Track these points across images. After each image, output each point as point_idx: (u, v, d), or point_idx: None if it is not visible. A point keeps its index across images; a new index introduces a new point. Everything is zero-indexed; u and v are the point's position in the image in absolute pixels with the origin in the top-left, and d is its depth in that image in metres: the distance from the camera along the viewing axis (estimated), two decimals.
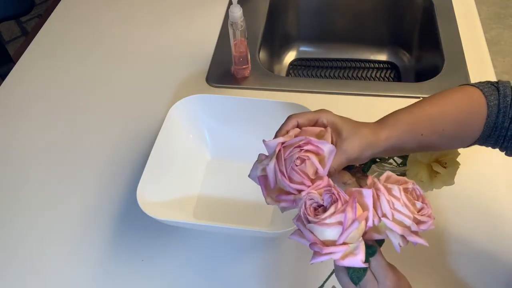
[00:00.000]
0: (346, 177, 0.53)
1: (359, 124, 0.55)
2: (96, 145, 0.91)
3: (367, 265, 0.45)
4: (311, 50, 1.31)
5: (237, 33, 0.91)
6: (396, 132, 0.55)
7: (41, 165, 0.89)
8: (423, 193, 0.47)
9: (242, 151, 0.84)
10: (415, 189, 0.47)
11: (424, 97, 0.60)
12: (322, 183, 0.48)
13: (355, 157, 0.53)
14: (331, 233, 0.44)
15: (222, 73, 1.02)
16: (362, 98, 0.95)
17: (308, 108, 0.76)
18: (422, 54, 1.21)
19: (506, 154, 0.59)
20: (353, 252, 0.44)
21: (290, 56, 1.31)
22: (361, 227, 0.44)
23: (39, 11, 2.38)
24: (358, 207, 0.44)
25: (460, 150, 0.65)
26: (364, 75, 1.25)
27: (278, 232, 0.66)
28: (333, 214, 0.44)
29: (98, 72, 1.05)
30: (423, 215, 0.45)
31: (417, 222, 0.45)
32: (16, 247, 0.77)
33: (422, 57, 1.20)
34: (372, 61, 1.28)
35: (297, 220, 0.47)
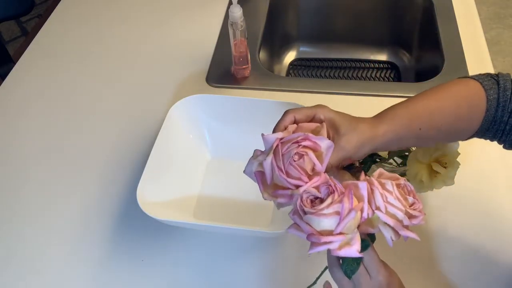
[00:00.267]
0: (346, 177, 0.53)
1: (357, 119, 0.54)
2: (96, 145, 0.91)
3: (362, 255, 0.46)
4: (311, 50, 1.31)
5: (237, 33, 0.91)
6: (394, 127, 0.54)
7: (41, 165, 0.89)
8: (413, 189, 0.48)
9: (242, 151, 0.84)
10: (406, 185, 0.48)
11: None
12: (319, 179, 0.48)
13: (353, 153, 0.52)
14: (328, 223, 0.45)
15: (222, 73, 1.02)
16: (362, 98, 0.95)
17: None
18: (422, 54, 1.21)
19: (504, 147, 0.59)
20: (349, 243, 0.45)
21: (290, 56, 1.31)
22: (357, 218, 0.45)
23: (39, 11, 2.38)
24: (354, 198, 0.45)
25: (460, 150, 0.65)
26: (364, 75, 1.25)
27: (278, 232, 0.66)
28: (330, 204, 0.44)
29: (98, 72, 1.05)
30: (415, 209, 0.47)
31: (409, 216, 0.46)
32: (16, 247, 0.77)
33: (422, 57, 1.20)
34: (372, 61, 1.28)
35: (293, 214, 0.48)
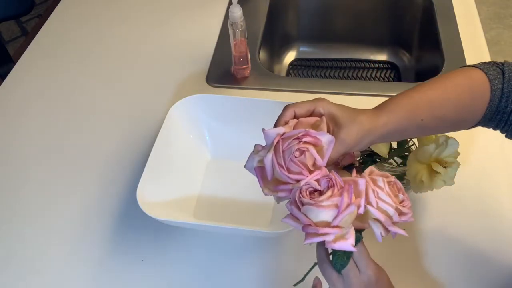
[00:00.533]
0: (347, 176, 0.53)
1: (357, 111, 0.54)
2: (96, 145, 0.91)
3: (356, 249, 0.47)
4: (311, 50, 1.31)
5: (237, 33, 0.91)
6: (394, 118, 0.53)
7: (41, 165, 0.89)
8: (402, 187, 0.49)
9: (242, 151, 0.84)
10: (396, 182, 0.49)
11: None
12: (320, 173, 0.48)
13: (353, 145, 0.52)
14: (326, 215, 0.45)
15: (222, 73, 1.02)
16: (362, 98, 0.95)
17: None
18: (422, 54, 1.21)
19: (506, 136, 0.58)
20: (344, 237, 0.45)
21: (290, 56, 1.30)
22: (354, 212, 0.46)
23: (39, 11, 2.38)
24: (353, 191, 0.46)
25: (460, 149, 0.65)
26: (364, 75, 1.25)
27: (278, 232, 0.66)
28: (330, 197, 0.45)
29: (98, 72, 1.05)
30: (404, 206, 0.48)
31: (399, 212, 0.47)
32: (16, 247, 0.77)
33: (422, 57, 1.20)
34: (372, 61, 1.28)
35: (290, 204, 0.48)
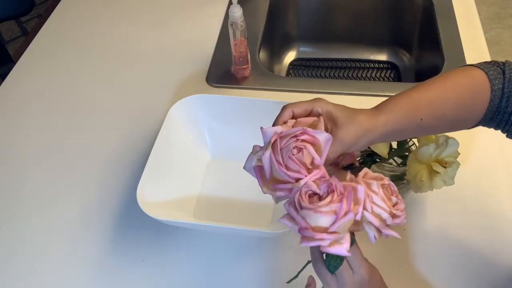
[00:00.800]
0: (347, 177, 0.53)
1: (355, 110, 0.53)
2: (96, 145, 0.91)
3: (350, 253, 0.47)
4: (311, 50, 1.31)
5: (237, 33, 0.91)
6: (393, 118, 0.53)
7: (41, 165, 0.89)
8: (396, 189, 0.49)
9: (242, 151, 0.83)
10: (390, 185, 0.49)
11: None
12: (319, 173, 0.48)
13: (351, 144, 0.52)
14: (324, 220, 0.45)
15: (222, 73, 1.02)
16: (362, 98, 0.95)
17: None
18: (422, 54, 1.21)
19: (507, 136, 0.58)
20: (339, 241, 0.45)
21: (290, 56, 1.31)
22: (351, 219, 0.46)
23: (39, 11, 2.38)
24: (352, 197, 0.46)
25: (460, 149, 0.65)
26: (364, 75, 1.25)
27: (278, 232, 0.66)
28: (329, 203, 0.45)
29: (98, 72, 1.05)
30: (398, 209, 0.48)
31: (392, 216, 0.47)
32: (16, 247, 0.77)
33: (422, 57, 1.20)
34: (372, 61, 1.28)
35: (289, 205, 0.48)
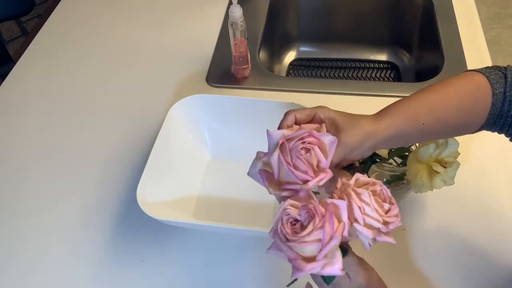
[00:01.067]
0: (347, 176, 0.53)
1: (357, 116, 0.54)
2: (96, 145, 0.91)
3: (343, 273, 0.46)
4: (311, 50, 1.31)
5: (237, 33, 0.91)
6: (395, 122, 0.53)
7: (41, 165, 0.89)
8: (389, 192, 0.49)
9: (242, 151, 0.84)
10: (383, 190, 0.48)
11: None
12: (326, 176, 0.47)
13: (354, 148, 0.52)
14: (310, 249, 0.44)
15: (222, 73, 1.02)
16: (362, 98, 0.95)
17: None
18: (422, 54, 1.21)
19: (511, 140, 0.58)
20: (330, 262, 0.44)
21: (290, 56, 1.31)
22: (339, 239, 0.45)
23: (39, 11, 2.38)
24: (334, 220, 0.45)
25: (460, 149, 0.65)
26: (364, 75, 1.25)
27: None
28: (311, 231, 0.44)
29: (98, 72, 1.05)
30: (391, 216, 0.47)
31: (385, 223, 0.46)
32: (16, 247, 0.77)
33: (422, 57, 1.20)
34: (372, 61, 1.28)
35: (273, 235, 0.47)
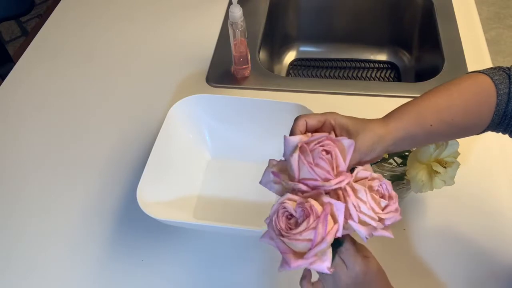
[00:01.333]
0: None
1: (366, 120, 0.54)
2: (96, 145, 0.91)
3: (332, 271, 0.46)
4: (311, 50, 1.31)
5: (237, 33, 0.91)
6: (403, 124, 0.54)
7: (41, 165, 0.89)
8: (389, 187, 0.48)
9: (242, 151, 0.84)
10: (382, 185, 0.48)
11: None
12: (346, 179, 0.47)
13: (367, 152, 0.52)
14: (301, 245, 0.45)
15: (222, 73, 1.02)
16: (362, 98, 0.95)
17: (308, 107, 0.76)
18: (422, 54, 1.21)
19: None
20: (320, 258, 0.45)
21: (290, 56, 1.31)
22: (330, 241, 0.45)
23: (39, 11, 2.38)
24: (329, 219, 0.45)
25: (460, 149, 0.65)
26: (364, 75, 1.25)
27: None
28: (303, 231, 0.44)
29: (98, 72, 1.05)
30: (389, 211, 0.47)
31: (380, 220, 0.46)
32: (16, 247, 0.77)
33: (422, 57, 1.20)
34: (372, 61, 1.28)
35: (268, 224, 0.47)
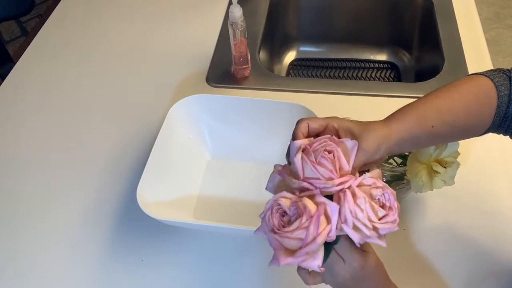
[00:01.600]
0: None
1: (368, 122, 0.54)
2: (96, 145, 0.91)
3: (323, 270, 0.46)
4: (311, 50, 1.31)
5: (237, 33, 0.91)
6: (404, 126, 0.54)
7: (41, 165, 0.89)
8: (391, 197, 0.47)
9: (242, 151, 0.84)
10: (384, 195, 0.47)
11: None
12: (350, 179, 0.47)
13: (372, 153, 0.52)
14: (292, 243, 0.45)
15: (222, 73, 1.02)
16: (362, 98, 0.95)
17: (308, 107, 0.76)
18: (422, 54, 1.21)
19: None
20: (311, 257, 0.45)
21: (290, 56, 1.31)
22: (321, 242, 0.45)
23: (39, 11, 2.38)
24: (322, 220, 0.45)
25: (461, 149, 0.65)
26: (364, 75, 1.25)
27: None
28: (295, 230, 0.44)
29: (98, 72, 1.05)
30: (387, 222, 0.46)
31: (375, 229, 0.46)
32: (16, 247, 0.77)
33: (422, 57, 1.20)
34: (372, 61, 1.28)
35: (263, 219, 0.48)
